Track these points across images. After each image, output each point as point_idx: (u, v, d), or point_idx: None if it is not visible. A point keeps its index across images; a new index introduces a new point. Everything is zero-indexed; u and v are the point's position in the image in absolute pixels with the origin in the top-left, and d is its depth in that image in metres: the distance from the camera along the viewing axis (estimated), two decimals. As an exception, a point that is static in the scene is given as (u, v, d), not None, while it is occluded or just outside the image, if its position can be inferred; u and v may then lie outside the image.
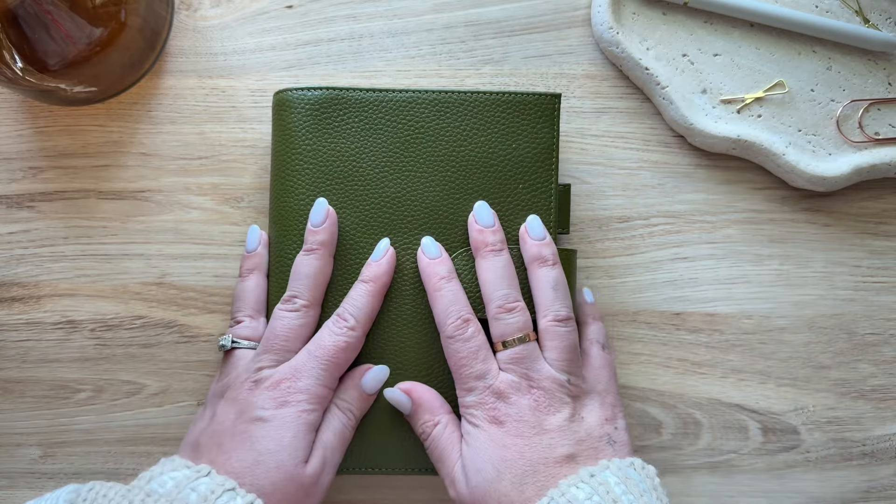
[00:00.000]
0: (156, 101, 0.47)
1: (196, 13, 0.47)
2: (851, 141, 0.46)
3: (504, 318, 0.39)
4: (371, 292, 0.40)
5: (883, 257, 0.47)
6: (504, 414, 0.37)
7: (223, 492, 0.34)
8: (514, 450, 0.37)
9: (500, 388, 0.38)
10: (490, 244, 0.40)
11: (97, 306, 0.46)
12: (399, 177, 0.42)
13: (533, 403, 0.37)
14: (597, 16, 0.46)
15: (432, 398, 0.40)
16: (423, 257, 0.41)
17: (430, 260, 0.41)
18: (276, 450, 0.37)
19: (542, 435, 0.37)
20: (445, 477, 0.39)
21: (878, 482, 0.47)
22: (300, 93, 0.42)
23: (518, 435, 0.37)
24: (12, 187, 0.46)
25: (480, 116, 0.42)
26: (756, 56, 0.47)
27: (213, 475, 0.35)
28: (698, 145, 0.47)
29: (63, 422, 0.46)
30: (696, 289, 0.47)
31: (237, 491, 0.35)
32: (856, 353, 0.47)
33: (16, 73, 0.38)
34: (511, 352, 0.38)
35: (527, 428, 0.37)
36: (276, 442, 0.37)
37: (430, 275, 0.41)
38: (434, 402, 0.40)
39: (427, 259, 0.41)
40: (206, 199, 0.46)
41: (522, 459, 0.36)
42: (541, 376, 0.38)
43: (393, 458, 0.42)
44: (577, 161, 0.47)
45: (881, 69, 0.47)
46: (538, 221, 0.41)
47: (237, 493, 0.35)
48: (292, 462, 0.37)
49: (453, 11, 0.47)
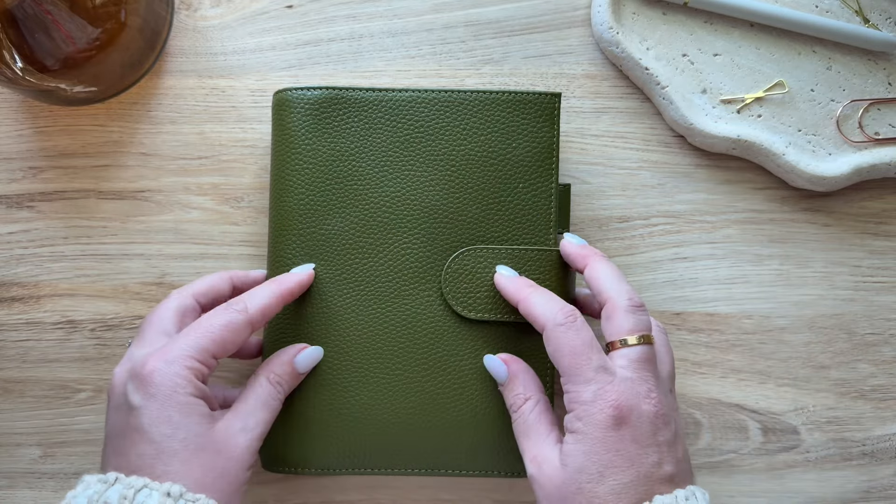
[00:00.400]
0: (156, 101, 0.47)
1: (196, 13, 0.47)
2: (851, 141, 0.46)
3: (636, 312, 0.37)
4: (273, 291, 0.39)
5: (883, 257, 0.47)
6: (626, 416, 0.35)
7: (135, 493, 0.33)
8: (626, 457, 0.35)
9: (621, 388, 0.35)
10: (596, 252, 0.40)
11: (97, 306, 0.46)
12: (399, 177, 0.42)
13: (652, 411, 0.35)
14: (597, 16, 0.46)
15: (528, 374, 0.40)
16: (502, 279, 0.41)
17: (509, 276, 0.41)
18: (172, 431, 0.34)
19: (654, 447, 0.35)
20: (527, 452, 0.38)
21: (878, 482, 0.47)
22: (300, 92, 0.42)
23: (633, 441, 0.35)
24: (12, 187, 0.46)
25: (480, 116, 0.42)
26: (756, 56, 0.47)
27: (120, 479, 0.33)
28: (698, 145, 0.47)
29: (63, 422, 0.46)
30: (696, 289, 0.47)
31: (150, 486, 0.33)
32: (856, 353, 0.47)
33: (16, 73, 0.38)
34: (638, 350, 0.36)
35: (644, 436, 0.35)
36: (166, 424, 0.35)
37: (518, 287, 0.40)
38: (528, 377, 0.40)
39: (507, 276, 0.41)
40: (206, 199, 0.46)
41: (632, 469, 0.34)
42: (660, 384, 0.36)
43: (393, 458, 0.42)
44: (577, 161, 0.47)
45: (881, 69, 0.47)
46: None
47: (151, 489, 0.33)
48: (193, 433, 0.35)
49: (453, 11, 0.47)
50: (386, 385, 0.41)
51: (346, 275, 0.42)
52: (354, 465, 0.41)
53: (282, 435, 0.41)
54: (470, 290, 0.41)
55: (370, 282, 0.42)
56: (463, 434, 0.41)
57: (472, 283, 0.41)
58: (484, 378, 0.41)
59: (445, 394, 0.41)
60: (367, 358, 0.41)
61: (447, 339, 0.41)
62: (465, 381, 0.41)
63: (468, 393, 0.41)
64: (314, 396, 0.41)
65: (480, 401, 0.41)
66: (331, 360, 0.41)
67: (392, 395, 0.41)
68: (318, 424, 0.41)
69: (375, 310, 0.42)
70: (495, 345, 0.42)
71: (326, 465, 0.41)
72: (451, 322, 0.42)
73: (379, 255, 0.42)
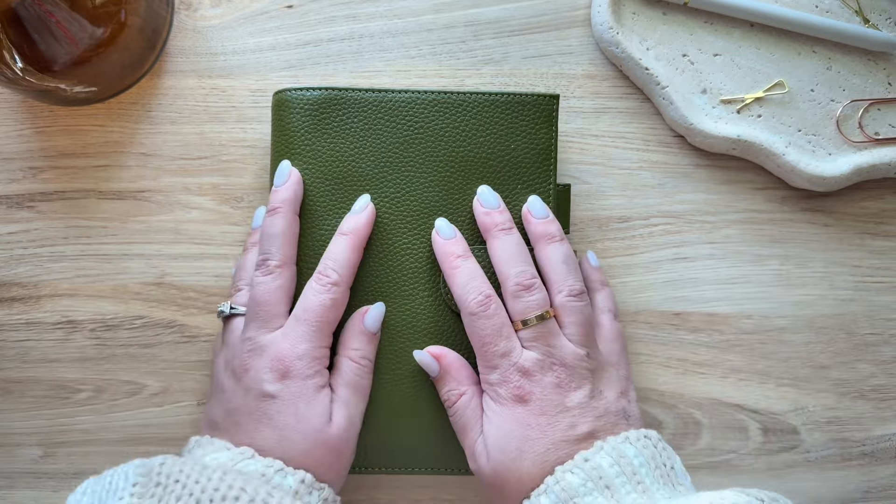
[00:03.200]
0: (156, 101, 0.47)
1: (196, 13, 0.47)
2: (851, 141, 0.46)
3: (523, 297, 0.39)
4: (351, 245, 0.40)
5: (883, 257, 0.47)
6: (528, 392, 0.37)
7: (274, 472, 0.35)
8: (538, 429, 0.37)
9: (524, 365, 0.38)
10: (499, 223, 0.40)
11: (97, 306, 0.46)
12: (399, 177, 0.42)
13: (556, 380, 0.37)
14: (597, 16, 0.46)
15: (460, 367, 0.40)
16: (437, 238, 0.41)
17: (444, 240, 0.41)
18: (295, 422, 0.37)
19: (564, 413, 0.37)
20: (467, 448, 0.39)
21: (878, 482, 0.47)
22: (300, 93, 0.42)
23: (542, 413, 0.37)
24: (12, 187, 0.46)
25: (480, 117, 0.42)
26: (756, 56, 0.47)
27: (256, 456, 0.36)
28: (698, 145, 0.47)
29: (63, 422, 0.46)
30: (696, 289, 0.47)
31: (286, 470, 0.35)
32: (856, 353, 0.47)
33: (16, 73, 0.38)
34: (533, 330, 0.38)
35: (550, 406, 0.37)
36: (292, 415, 0.37)
37: (446, 254, 0.40)
38: (462, 371, 0.40)
39: (442, 240, 0.41)
40: (206, 199, 0.46)
41: (545, 438, 0.36)
42: (563, 353, 0.38)
43: (393, 458, 0.42)
44: (577, 161, 0.47)
45: (881, 69, 0.47)
46: (539, 201, 0.41)
47: (287, 472, 0.35)
48: (313, 428, 0.37)
49: (453, 11, 0.47)
50: (385, 385, 0.41)
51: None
52: (354, 464, 0.41)
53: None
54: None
55: (370, 282, 0.42)
56: (463, 434, 0.41)
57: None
58: (483, 378, 0.42)
59: None
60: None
61: (446, 339, 0.42)
62: (464, 382, 0.41)
63: (468, 393, 0.41)
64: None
65: (480, 401, 0.41)
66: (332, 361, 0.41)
67: (392, 395, 0.41)
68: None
69: (375, 310, 0.42)
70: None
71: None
72: (450, 322, 0.42)
73: (378, 255, 0.42)
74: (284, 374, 0.37)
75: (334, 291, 0.39)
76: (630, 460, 0.35)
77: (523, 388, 0.37)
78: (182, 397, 0.46)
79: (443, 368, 0.40)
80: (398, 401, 0.41)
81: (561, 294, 0.39)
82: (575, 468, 0.35)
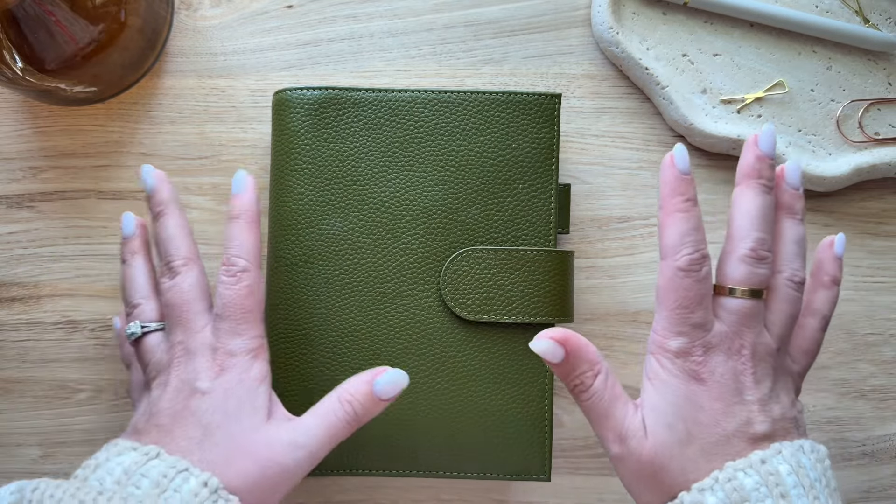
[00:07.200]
0: (156, 101, 0.47)
1: (196, 13, 0.47)
2: (851, 141, 0.46)
3: (752, 264, 0.34)
4: (246, 226, 0.37)
5: (883, 257, 0.47)
6: (707, 371, 0.33)
7: (176, 474, 0.32)
8: (711, 414, 0.33)
9: (712, 341, 0.33)
10: (765, 177, 0.35)
11: (97, 306, 0.46)
12: (399, 177, 0.42)
13: (739, 368, 0.33)
14: (597, 16, 0.46)
15: (587, 344, 0.34)
16: (670, 167, 0.34)
17: (679, 174, 0.34)
18: (222, 419, 0.34)
19: (741, 405, 0.33)
20: (611, 431, 0.34)
21: (878, 482, 0.47)
22: (300, 92, 0.42)
23: (718, 398, 0.33)
24: (12, 187, 0.46)
25: (480, 116, 0.42)
26: (756, 56, 0.47)
27: (162, 456, 0.33)
28: (698, 145, 0.47)
29: (63, 422, 0.46)
30: (696, 289, 0.47)
31: (191, 471, 0.32)
32: (856, 353, 0.47)
33: (16, 73, 0.38)
34: (740, 303, 0.34)
35: (728, 392, 0.33)
36: (221, 412, 0.34)
37: (674, 191, 0.34)
38: (590, 348, 0.35)
39: (675, 171, 0.34)
40: (206, 199, 0.46)
41: (718, 427, 0.33)
42: (756, 339, 0.34)
43: (393, 459, 0.42)
44: (577, 161, 0.47)
45: (881, 69, 0.47)
46: (798, 170, 0.36)
47: (191, 474, 0.32)
48: (241, 428, 0.34)
49: (453, 11, 0.47)
50: None
51: (345, 275, 0.42)
52: (354, 465, 0.41)
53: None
54: (468, 291, 0.41)
55: (369, 282, 0.42)
56: (462, 435, 0.41)
57: (470, 283, 0.41)
58: (482, 379, 0.41)
59: (444, 395, 0.41)
60: (365, 359, 0.41)
61: (445, 339, 0.42)
62: (463, 382, 0.41)
63: (466, 394, 0.41)
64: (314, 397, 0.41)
65: (479, 401, 0.41)
66: (330, 361, 0.41)
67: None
68: (317, 424, 0.41)
69: (374, 310, 0.42)
70: (493, 346, 0.42)
71: (326, 465, 0.41)
72: (450, 323, 0.42)
73: (378, 255, 0.42)
74: (219, 372, 0.35)
75: (247, 278, 0.36)
76: (807, 472, 0.32)
77: (704, 366, 0.33)
78: (182, 397, 0.46)
79: (570, 353, 0.34)
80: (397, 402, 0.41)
81: (781, 275, 0.35)
82: (749, 469, 0.31)
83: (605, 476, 0.46)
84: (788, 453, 0.32)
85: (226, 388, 0.35)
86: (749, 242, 0.34)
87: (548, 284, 0.41)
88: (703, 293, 0.34)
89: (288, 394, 0.41)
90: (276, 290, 0.42)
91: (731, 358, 0.33)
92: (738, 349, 0.34)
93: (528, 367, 0.42)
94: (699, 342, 0.33)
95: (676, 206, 0.34)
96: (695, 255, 0.34)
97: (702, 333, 0.33)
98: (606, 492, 0.46)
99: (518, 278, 0.41)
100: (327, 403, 0.36)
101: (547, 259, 0.41)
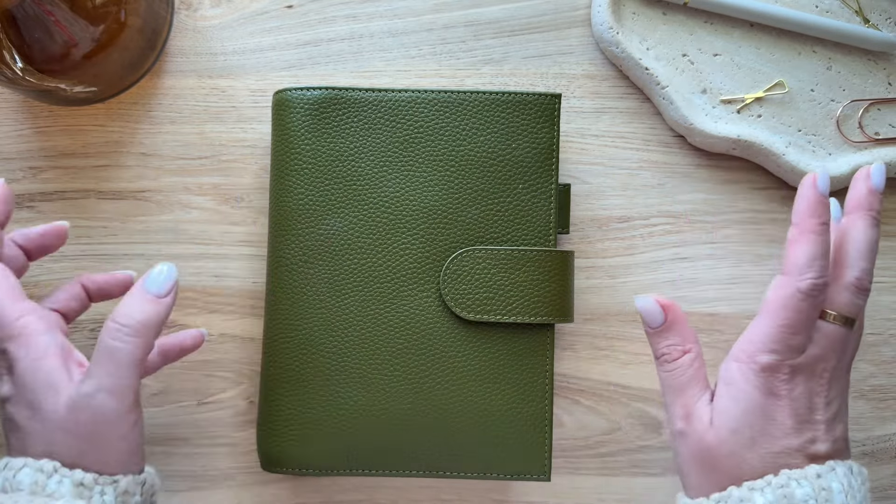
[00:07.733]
0: (156, 101, 0.47)
1: (196, 13, 0.47)
2: (851, 141, 0.46)
3: (855, 293, 0.35)
4: None
5: (883, 257, 0.47)
6: (787, 389, 0.34)
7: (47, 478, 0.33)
8: (781, 429, 0.34)
9: (801, 365, 0.34)
10: (876, 210, 0.36)
11: (97, 306, 0.46)
12: (399, 177, 0.42)
13: (817, 389, 0.34)
14: (597, 16, 0.46)
15: (686, 323, 0.37)
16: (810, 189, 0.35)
17: (819, 196, 0.34)
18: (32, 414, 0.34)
19: (810, 424, 0.34)
20: (681, 407, 0.36)
21: (878, 482, 0.47)
22: (300, 92, 0.42)
23: (791, 416, 0.34)
24: (12, 187, 0.46)
25: (480, 116, 0.42)
26: (756, 56, 0.47)
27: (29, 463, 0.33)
28: (698, 145, 0.47)
29: (63, 422, 0.46)
30: (696, 289, 0.47)
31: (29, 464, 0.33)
32: (856, 353, 0.47)
33: (16, 73, 0.38)
34: (834, 329, 0.34)
35: (803, 411, 0.34)
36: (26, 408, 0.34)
37: (813, 211, 0.34)
38: (687, 327, 0.37)
39: (816, 193, 0.34)
40: (206, 199, 0.46)
41: (784, 440, 0.34)
42: (836, 364, 0.35)
43: (393, 459, 0.42)
44: (577, 161, 0.47)
45: (881, 69, 0.47)
46: (884, 173, 0.36)
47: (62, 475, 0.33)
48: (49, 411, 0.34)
49: (453, 11, 0.47)
50: (385, 386, 0.41)
51: (345, 275, 0.42)
52: (354, 465, 0.41)
53: (281, 436, 0.41)
54: (468, 291, 0.41)
55: (369, 282, 0.42)
56: (462, 435, 0.41)
57: (470, 283, 0.41)
58: (482, 379, 0.41)
59: (444, 394, 0.41)
60: (365, 358, 0.41)
61: (445, 339, 0.42)
62: (463, 382, 0.41)
63: (466, 394, 0.41)
64: (314, 397, 0.41)
65: (479, 401, 0.41)
66: (330, 361, 0.41)
67: (391, 396, 0.41)
68: (317, 425, 0.41)
69: (374, 310, 0.42)
70: (493, 346, 0.42)
71: (326, 465, 0.41)
72: (450, 323, 0.42)
73: (378, 255, 0.42)
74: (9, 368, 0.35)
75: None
76: (854, 493, 0.33)
77: (785, 385, 0.34)
78: (182, 397, 0.46)
79: (669, 320, 0.36)
80: (397, 402, 0.41)
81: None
82: (804, 480, 0.32)
83: (606, 476, 0.46)
84: (841, 472, 0.33)
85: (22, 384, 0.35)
86: (857, 272, 0.35)
87: (548, 284, 0.41)
88: (812, 318, 0.34)
89: (288, 393, 0.41)
90: (276, 290, 0.42)
91: (811, 379, 0.34)
92: (820, 372, 0.34)
93: (528, 367, 0.42)
94: (789, 363, 0.34)
95: (812, 228, 0.34)
96: (818, 280, 0.34)
97: (794, 355, 0.34)
98: (606, 492, 0.46)
99: (518, 278, 0.41)
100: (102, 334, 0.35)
101: (547, 259, 0.41)
